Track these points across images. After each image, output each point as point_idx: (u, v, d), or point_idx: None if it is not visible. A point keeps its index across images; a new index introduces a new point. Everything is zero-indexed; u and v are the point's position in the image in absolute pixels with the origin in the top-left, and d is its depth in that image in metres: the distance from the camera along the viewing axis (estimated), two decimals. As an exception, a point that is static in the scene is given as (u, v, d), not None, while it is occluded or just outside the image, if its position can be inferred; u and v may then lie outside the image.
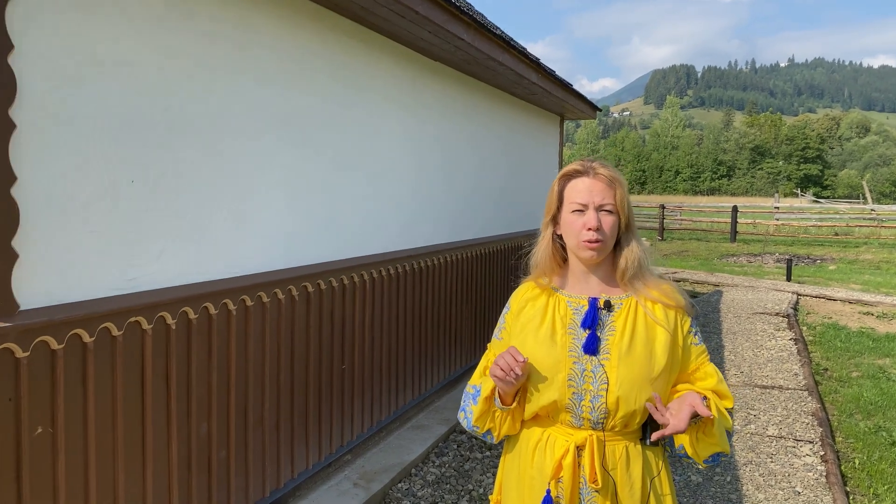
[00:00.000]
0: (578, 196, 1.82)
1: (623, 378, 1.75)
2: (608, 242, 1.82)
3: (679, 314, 1.86)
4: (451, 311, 5.75)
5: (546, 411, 1.84)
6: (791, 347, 7.68)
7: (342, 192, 4.13)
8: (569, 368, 1.79)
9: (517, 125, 7.50)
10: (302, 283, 3.70)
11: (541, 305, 1.90)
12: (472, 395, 1.93)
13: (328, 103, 3.95)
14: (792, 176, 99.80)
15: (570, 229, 1.84)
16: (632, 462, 1.82)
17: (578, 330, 1.82)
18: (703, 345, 1.91)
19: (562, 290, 1.91)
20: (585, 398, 1.78)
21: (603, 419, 1.78)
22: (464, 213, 6.03)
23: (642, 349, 1.78)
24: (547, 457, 1.84)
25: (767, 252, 19.97)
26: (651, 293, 1.85)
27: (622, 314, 1.83)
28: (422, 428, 5.01)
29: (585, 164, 1.86)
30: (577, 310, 1.85)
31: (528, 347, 1.84)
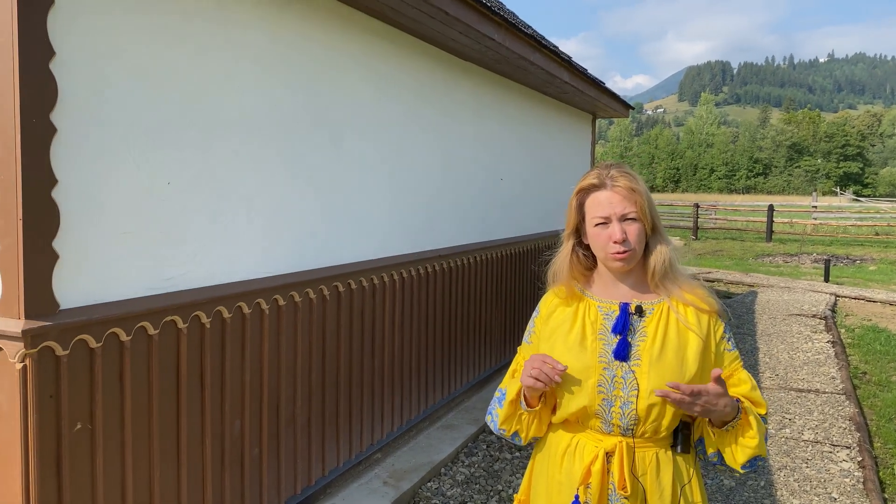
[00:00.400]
0: (599, 209, 1.81)
1: (654, 384, 1.74)
2: (637, 250, 1.81)
3: (712, 319, 1.84)
4: (480, 311, 5.76)
5: (576, 417, 1.84)
6: (828, 350, 7.53)
7: (373, 191, 4.16)
8: (599, 374, 1.79)
9: (548, 124, 7.47)
10: (333, 282, 3.73)
11: (571, 310, 1.90)
12: (499, 398, 1.94)
13: (358, 103, 3.98)
14: (831, 174, 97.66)
15: (596, 242, 1.84)
16: (662, 469, 1.81)
17: (609, 335, 1.82)
18: (736, 350, 1.89)
19: (592, 296, 1.90)
20: (615, 404, 1.77)
21: (633, 425, 1.78)
22: (494, 212, 6.02)
23: (674, 355, 1.77)
24: (576, 462, 1.84)
25: (804, 252, 19.57)
26: (684, 296, 1.83)
27: (654, 319, 1.82)
28: (451, 427, 5.02)
29: (602, 175, 1.84)
30: (608, 315, 1.85)
31: (558, 353, 1.84)
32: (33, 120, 2.16)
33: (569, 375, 1.80)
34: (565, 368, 1.74)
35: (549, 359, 1.75)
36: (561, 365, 1.73)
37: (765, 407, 1.84)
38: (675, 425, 1.82)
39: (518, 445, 4.77)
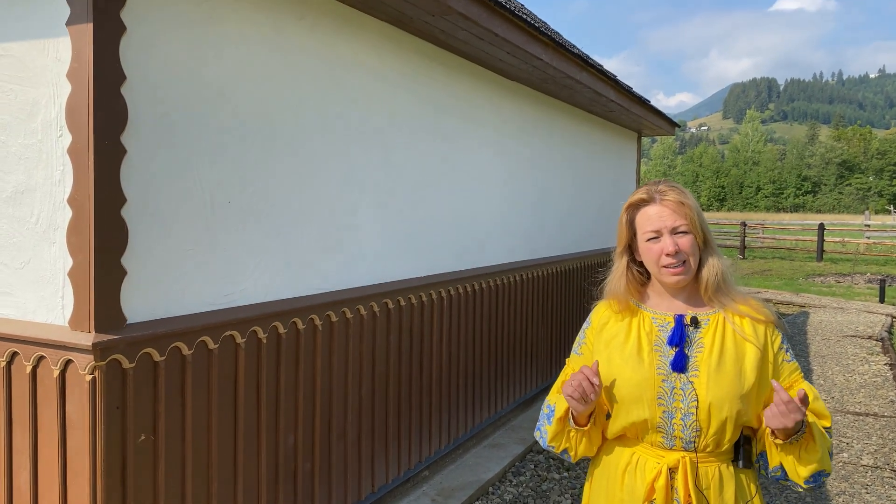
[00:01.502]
0: (650, 224, 1.82)
1: (713, 395, 1.73)
2: (691, 263, 1.81)
3: (769, 329, 1.83)
4: (526, 329, 5.75)
5: (634, 431, 1.83)
6: (886, 373, 7.30)
7: (423, 209, 4.21)
8: (657, 386, 1.78)
9: (594, 142, 7.46)
10: (383, 299, 3.78)
11: (625, 323, 1.90)
12: (547, 414, 1.94)
13: (411, 123, 4.04)
14: (884, 192, 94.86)
15: (649, 257, 1.84)
16: (725, 484, 1.79)
17: (665, 347, 1.81)
18: (795, 362, 1.87)
19: (647, 308, 1.90)
20: (676, 416, 1.76)
21: (695, 438, 1.76)
22: (540, 230, 6.03)
23: (732, 366, 1.76)
24: (638, 479, 1.82)
25: (857, 272, 19.02)
26: (739, 308, 1.82)
27: (710, 330, 1.81)
28: (498, 446, 5.00)
29: (650, 190, 1.85)
30: (663, 326, 1.84)
31: (615, 365, 1.84)
32: (105, 142, 2.26)
33: (626, 388, 1.80)
34: (600, 384, 1.74)
35: (587, 369, 1.76)
36: (597, 379, 1.74)
37: (829, 419, 1.80)
38: (736, 438, 1.80)
39: (566, 465, 4.73)
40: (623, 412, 1.82)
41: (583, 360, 1.97)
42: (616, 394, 1.83)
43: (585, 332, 2.01)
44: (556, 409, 1.89)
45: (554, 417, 1.89)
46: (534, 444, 5.11)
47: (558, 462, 4.81)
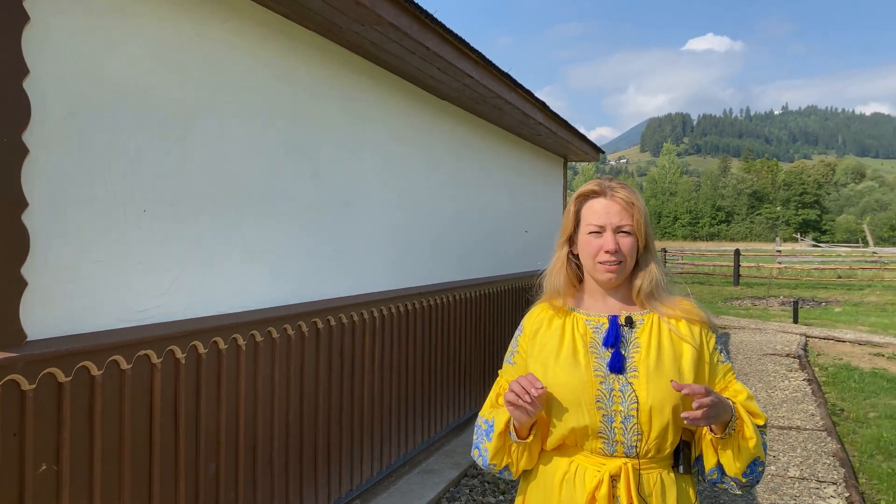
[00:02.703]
0: (595, 217, 1.77)
1: (653, 395, 1.67)
2: (627, 264, 1.77)
3: (703, 330, 1.80)
4: (459, 351, 5.65)
5: (574, 438, 1.74)
6: (805, 388, 7.54)
7: (355, 226, 4.09)
8: (595, 389, 1.71)
9: (522, 166, 7.51)
10: (312, 318, 3.62)
11: (558, 326, 1.83)
12: (486, 430, 1.83)
13: (341, 137, 3.93)
14: (791, 221, 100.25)
15: (586, 250, 1.79)
16: (667, 491, 1.72)
17: (601, 349, 1.75)
18: (729, 362, 1.84)
19: (579, 310, 1.84)
20: (616, 420, 1.69)
21: (636, 442, 1.69)
22: (472, 251, 5.98)
23: (670, 365, 1.71)
24: (577, 490, 1.73)
25: (772, 295, 19.86)
26: (673, 309, 1.79)
27: (645, 330, 1.76)
28: (432, 472, 4.86)
29: (603, 184, 1.82)
30: (597, 328, 1.78)
31: (550, 370, 1.76)
32: (4, 139, 2.06)
33: (564, 393, 1.72)
34: (544, 389, 1.65)
35: (530, 376, 1.67)
36: (540, 383, 1.65)
37: (763, 418, 1.77)
38: (677, 442, 1.75)
39: (502, 489, 4.62)
40: (562, 420, 1.74)
41: (516, 369, 1.88)
42: (554, 400, 1.74)
43: (518, 339, 1.92)
44: (496, 424, 1.79)
45: (494, 433, 1.79)
46: (468, 468, 4.98)
47: (493, 486, 4.70)
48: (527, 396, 1.63)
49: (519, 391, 1.64)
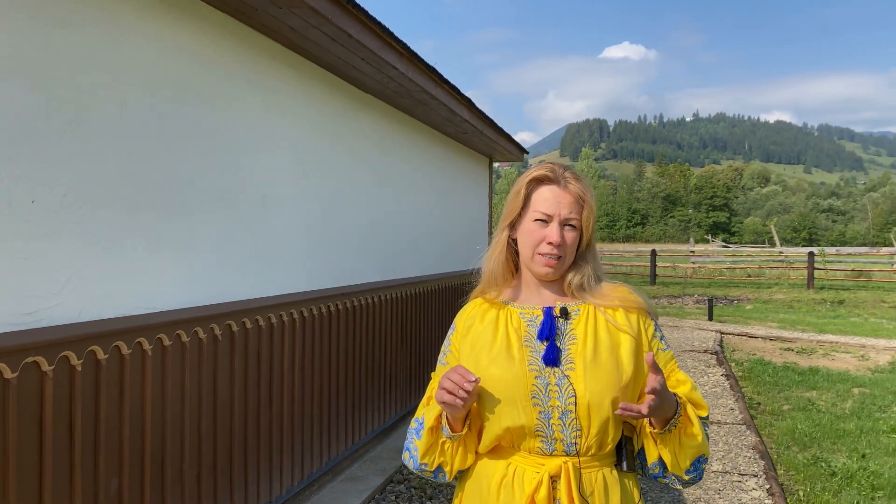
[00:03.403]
0: (545, 205, 1.67)
1: (591, 388, 1.57)
2: (566, 260, 1.68)
3: (641, 317, 1.71)
4: (385, 354, 5.48)
5: (510, 438, 1.62)
6: (724, 383, 7.73)
7: (272, 223, 3.86)
8: (530, 384, 1.60)
9: (449, 164, 7.40)
10: (226, 321, 3.38)
11: (491, 319, 1.72)
12: (416, 429, 1.71)
13: (259, 128, 3.70)
14: (702, 223, 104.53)
15: (528, 239, 1.68)
16: (610, 490, 1.62)
17: (535, 342, 1.65)
18: (670, 350, 1.76)
19: (513, 303, 1.74)
20: (554, 416, 1.58)
21: (576, 439, 1.59)
22: (398, 250, 5.81)
23: (608, 356, 1.62)
24: (516, 493, 1.61)
25: (687, 293, 20.51)
26: (609, 297, 1.69)
27: (581, 321, 1.67)
28: (356, 480, 4.67)
29: (557, 171, 1.71)
30: (532, 321, 1.68)
31: (483, 366, 1.64)
32: None
33: (498, 389, 1.61)
34: (477, 380, 1.52)
35: (461, 368, 1.55)
36: (473, 375, 1.52)
37: (706, 409, 1.70)
38: (618, 437, 1.65)
39: (430, 494, 4.48)
40: (496, 418, 1.62)
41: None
42: (487, 398, 1.62)
43: (450, 338, 1.80)
44: (426, 420, 1.67)
45: (424, 429, 1.66)
46: (394, 474, 4.82)
47: (420, 491, 4.55)
48: (461, 392, 1.51)
49: (452, 387, 1.52)
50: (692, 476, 1.65)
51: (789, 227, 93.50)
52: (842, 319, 14.32)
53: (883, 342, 10.91)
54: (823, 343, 10.98)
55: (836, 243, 70.26)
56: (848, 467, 4.97)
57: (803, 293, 20.07)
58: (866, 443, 5.67)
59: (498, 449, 1.67)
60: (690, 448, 1.61)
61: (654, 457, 1.63)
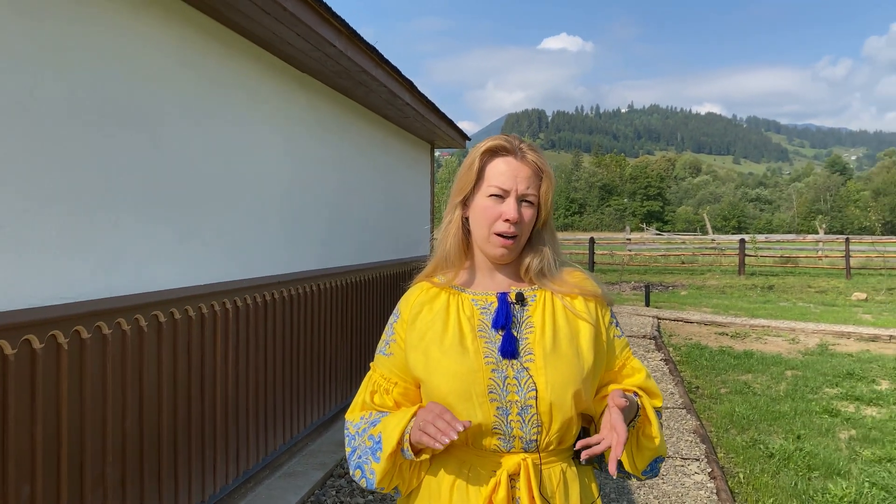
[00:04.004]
0: (500, 179, 1.52)
1: (553, 380, 1.46)
2: (522, 239, 1.55)
3: (598, 304, 1.61)
4: (324, 344, 5.30)
5: (464, 436, 1.49)
6: (663, 367, 7.82)
7: (202, 207, 3.63)
8: (487, 378, 1.46)
9: (390, 150, 7.22)
10: (152, 311, 3.16)
11: (441, 307, 1.57)
12: (371, 448, 1.52)
13: (187, 104, 3.46)
14: (637, 212, 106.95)
15: (482, 216, 1.54)
16: (570, 487, 1.52)
17: (490, 332, 1.51)
18: (625, 337, 1.67)
19: (463, 288, 1.59)
20: (512, 411, 1.46)
21: (536, 436, 1.47)
22: (337, 238, 5.62)
23: (568, 345, 1.50)
24: (472, 495, 1.48)
25: (624, 280, 20.90)
26: (565, 283, 1.58)
27: (538, 308, 1.54)
28: (295, 475, 4.49)
29: (513, 141, 1.57)
30: (485, 308, 1.54)
31: (434, 359, 1.51)
32: None
33: (451, 386, 1.47)
34: (468, 424, 1.38)
35: (448, 416, 1.39)
36: (460, 424, 1.37)
37: (661, 398, 1.62)
38: (579, 431, 1.55)
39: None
40: None
41: (393, 361, 1.60)
42: (439, 394, 1.48)
43: (394, 326, 1.63)
44: (385, 443, 1.49)
45: (383, 453, 1.49)
46: (334, 468, 4.66)
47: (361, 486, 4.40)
48: (445, 439, 1.35)
49: (435, 433, 1.36)
50: (648, 476, 1.59)
51: (720, 216, 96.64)
52: (772, 304, 14.78)
53: (811, 326, 11.29)
54: (756, 327, 11.29)
55: (763, 231, 72.92)
56: (785, 448, 5.06)
57: (735, 279, 20.68)
58: (801, 424, 5.80)
59: (450, 447, 1.51)
60: (648, 450, 1.54)
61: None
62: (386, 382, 1.62)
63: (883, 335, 10.28)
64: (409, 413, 1.50)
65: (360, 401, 1.64)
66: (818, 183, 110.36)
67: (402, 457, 1.49)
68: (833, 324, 11.60)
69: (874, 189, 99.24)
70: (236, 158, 4.00)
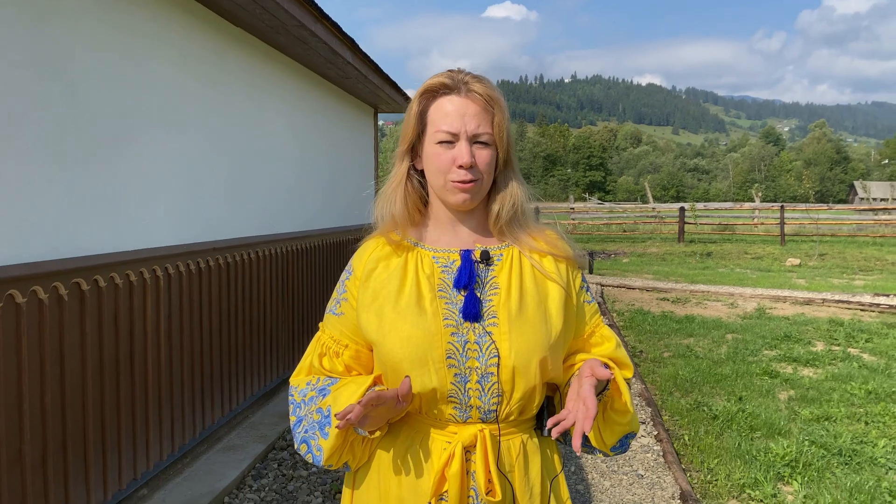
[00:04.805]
0: (446, 122, 1.35)
1: (517, 347, 1.32)
2: (484, 182, 1.38)
3: (570, 266, 1.46)
4: (265, 313, 5.10)
5: (417, 404, 1.36)
6: (607, 333, 7.87)
7: (130, 167, 3.38)
8: (446, 343, 1.32)
9: (331, 112, 6.97)
10: (72, 278, 2.92)
11: (398, 265, 1.41)
12: (319, 422, 1.37)
13: (103, 57, 3.19)
14: (580, 182, 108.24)
15: (435, 164, 1.37)
16: (530, 460, 1.40)
17: (451, 291, 1.37)
18: (595, 303, 1.52)
19: (423, 244, 1.44)
20: (471, 379, 1.32)
21: (496, 406, 1.34)
22: (279, 203, 5.39)
23: (535, 309, 1.36)
24: (424, 469, 1.36)
25: (568, 249, 21.10)
26: (535, 243, 1.43)
27: (504, 267, 1.40)
28: (235, 448, 4.32)
29: (456, 76, 1.39)
30: (447, 266, 1.39)
31: (388, 322, 1.36)
32: None
33: (406, 350, 1.33)
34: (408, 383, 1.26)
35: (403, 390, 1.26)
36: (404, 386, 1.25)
37: (631, 369, 1.48)
38: (542, 400, 1.42)
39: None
40: (400, 379, 1.34)
41: (343, 321, 1.45)
42: (392, 359, 1.34)
43: (346, 283, 1.47)
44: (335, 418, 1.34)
45: (333, 430, 1.34)
46: (276, 440, 4.50)
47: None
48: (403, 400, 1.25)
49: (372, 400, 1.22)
50: (617, 452, 1.46)
51: (659, 186, 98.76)
52: (711, 270, 15.13)
53: (749, 290, 11.57)
54: (696, 293, 11.51)
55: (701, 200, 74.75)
56: (727, 410, 5.13)
57: (675, 246, 21.11)
58: (742, 386, 5.90)
59: (402, 416, 1.40)
60: (618, 425, 1.39)
61: None
62: (335, 345, 1.46)
63: (816, 299, 10.61)
64: (363, 387, 1.35)
65: (307, 364, 1.48)
66: (753, 153, 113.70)
67: (353, 433, 1.36)
68: (769, 288, 11.92)
69: (805, 159, 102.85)
70: (163, 118, 3.73)
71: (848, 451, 4.35)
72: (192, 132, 4.05)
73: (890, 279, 13.55)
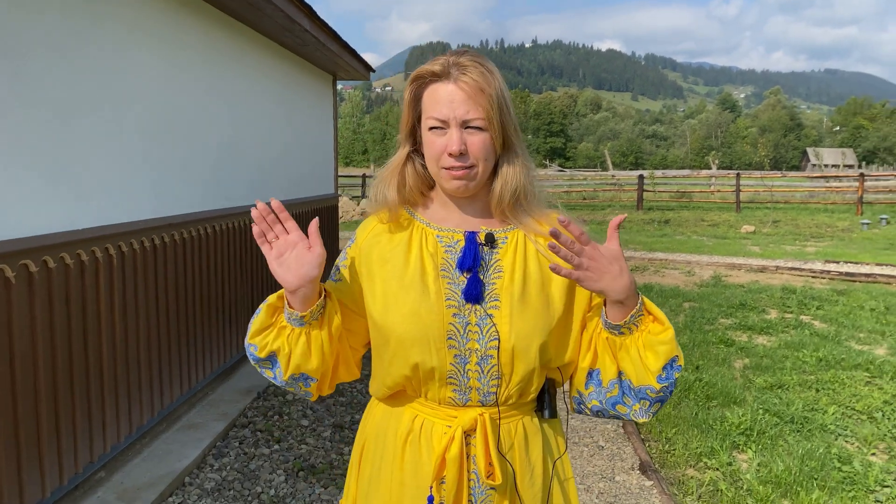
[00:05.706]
0: (437, 109, 1.33)
1: (518, 331, 1.33)
2: (480, 169, 1.34)
3: None
4: (224, 289, 5.01)
5: (416, 383, 1.37)
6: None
7: (77, 142, 3.24)
8: (447, 323, 1.33)
9: (289, 81, 6.80)
10: (20, 259, 2.80)
11: (402, 239, 1.41)
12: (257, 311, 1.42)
13: (48, 24, 3.03)
14: (540, 148, 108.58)
15: (429, 151, 1.36)
16: (530, 441, 1.40)
17: (454, 272, 1.37)
18: None
19: (429, 222, 1.44)
20: (471, 361, 1.33)
21: (495, 388, 1.34)
22: (236, 175, 5.26)
23: (538, 293, 1.37)
24: (423, 452, 1.37)
25: (529, 217, 21.20)
26: (540, 227, 1.41)
27: (508, 251, 1.39)
28: (195, 427, 4.26)
29: (448, 62, 1.35)
30: (451, 246, 1.39)
31: (392, 297, 1.36)
32: None
33: (406, 325, 1.33)
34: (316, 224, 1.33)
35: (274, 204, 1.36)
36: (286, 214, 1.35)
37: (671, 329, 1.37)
38: (542, 383, 1.41)
39: (280, 431, 4.18)
40: (400, 356, 1.35)
41: (340, 287, 1.45)
42: (393, 332, 1.34)
43: (347, 251, 1.49)
44: (271, 297, 1.39)
45: (265, 304, 1.38)
46: (238, 418, 4.46)
47: (267, 434, 4.23)
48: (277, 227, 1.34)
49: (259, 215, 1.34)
50: (664, 386, 1.31)
51: (618, 152, 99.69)
52: (668, 238, 15.37)
53: (705, 258, 11.79)
54: (654, 261, 11.69)
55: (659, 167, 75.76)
56: (685, 379, 5.24)
57: (633, 214, 21.37)
58: (699, 354, 6.02)
59: (400, 396, 1.42)
60: (661, 345, 1.30)
61: (612, 371, 1.35)
62: None
63: (770, 266, 10.86)
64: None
65: None
66: (710, 120, 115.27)
67: (282, 317, 1.37)
68: (725, 256, 12.17)
69: (761, 126, 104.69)
70: (112, 87, 3.58)
71: (800, 418, 4.49)
72: (144, 104, 3.90)
73: (840, 245, 13.95)
